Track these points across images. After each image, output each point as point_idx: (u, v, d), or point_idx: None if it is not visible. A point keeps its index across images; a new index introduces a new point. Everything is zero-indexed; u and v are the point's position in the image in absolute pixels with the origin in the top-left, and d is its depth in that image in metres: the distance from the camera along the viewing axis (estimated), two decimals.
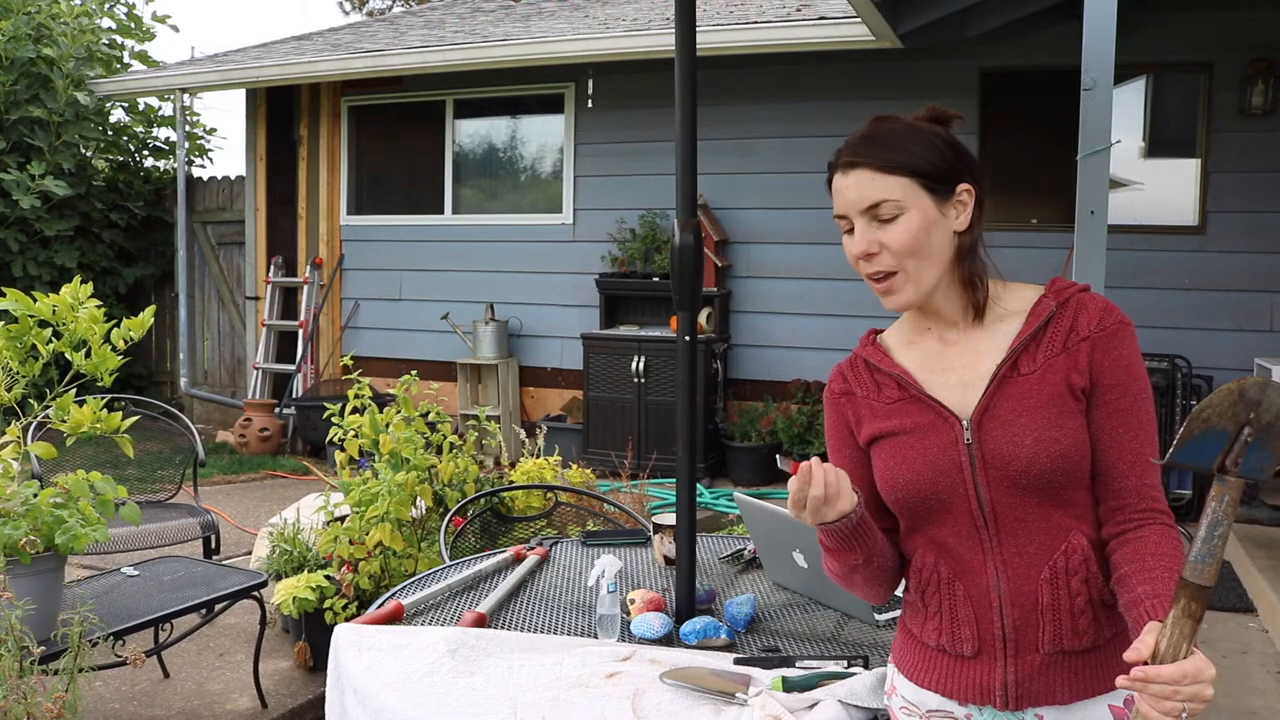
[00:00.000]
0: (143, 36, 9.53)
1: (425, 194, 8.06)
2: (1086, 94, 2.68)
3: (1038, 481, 1.31)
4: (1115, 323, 1.34)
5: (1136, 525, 1.31)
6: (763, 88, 6.85)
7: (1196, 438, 1.11)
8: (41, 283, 8.06)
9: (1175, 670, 1.09)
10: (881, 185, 1.33)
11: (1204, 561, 1.10)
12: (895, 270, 1.34)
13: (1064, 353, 1.33)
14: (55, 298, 2.66)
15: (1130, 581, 1.27)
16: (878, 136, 1.35)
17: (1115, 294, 2.19)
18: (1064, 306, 1.36)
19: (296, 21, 36.84)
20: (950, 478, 1.34)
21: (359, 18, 17.57)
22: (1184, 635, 1.10)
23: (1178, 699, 1.09)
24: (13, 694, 2.22)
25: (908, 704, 1.46)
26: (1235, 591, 4.49)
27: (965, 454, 1.34)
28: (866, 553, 1.38)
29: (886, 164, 1.33)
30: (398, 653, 1.90)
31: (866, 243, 1.34)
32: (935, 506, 1.36)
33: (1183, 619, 1.10)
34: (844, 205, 1.36)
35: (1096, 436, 1.33)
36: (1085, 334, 1.33)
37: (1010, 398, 1.33)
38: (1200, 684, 1.09)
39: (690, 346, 2.16)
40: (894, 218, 1.33)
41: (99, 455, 6.71)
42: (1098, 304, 1.35)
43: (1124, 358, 1.33)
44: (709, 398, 6.54)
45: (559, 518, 3.32)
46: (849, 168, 1.35)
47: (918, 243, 1.33)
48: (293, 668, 3.62)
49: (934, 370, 1.41)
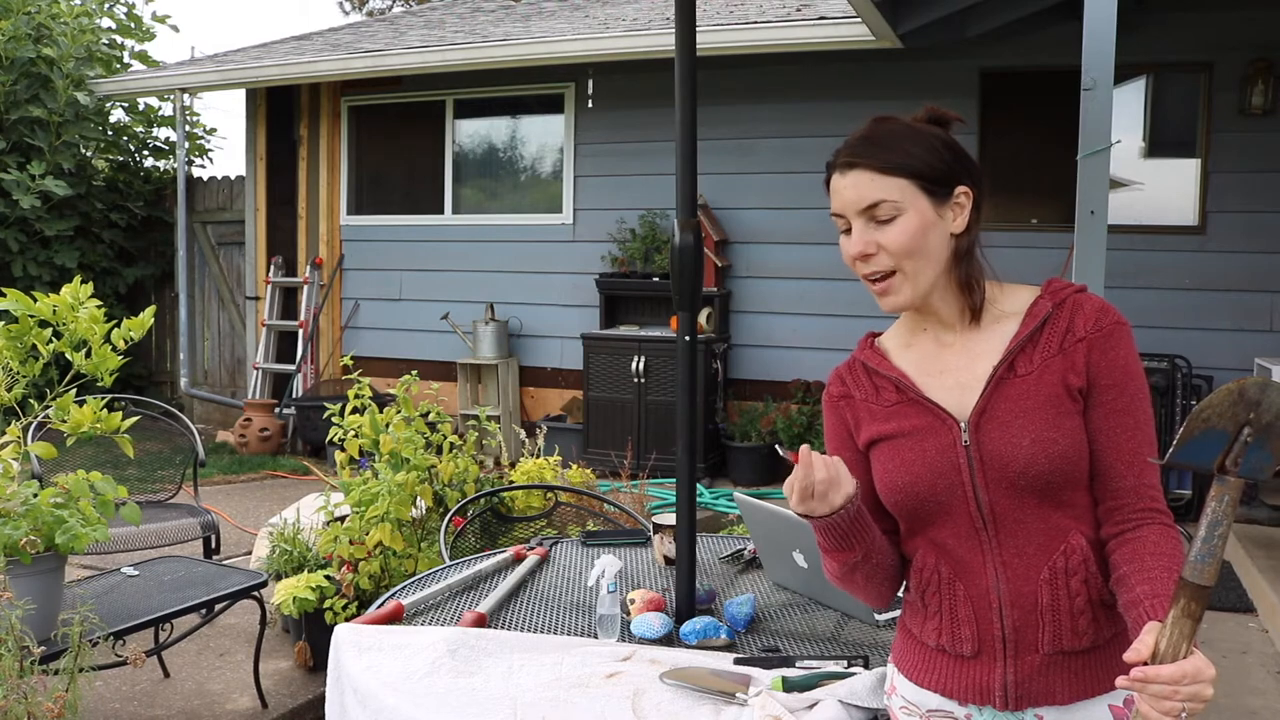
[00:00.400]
0: (143, 36, 9.53)
1: (425, 194, 8.06)
2: (1086, 94, 2.68)
3: (1036, 482, 1.31)
4: (1111, 323, 1.34)
5: (1135, 525, 1.31)
6: (763, 88, 6.85)
7: (1196, 438, 1.11)
8: (41, 283, 8.06)
9: (1175, 670, 1.09)
10: (880, 186, 1.33)
11: (1204, 561, 1.09)
12: (893, 271, 1.35)
13: (1060, 354, 1.33)
14: (55, 298, 2.66)
15: (1129, 582, 1.27)
16: (877, 137, 1.35)
17: (1115, 294, 2.19)
18: (1060, 307, 1.36)
19: (296, 21, 36.85)
20: (949, 479, 1.34)
21: (359, 18, 17.58)
22: (1184, 635, 1.09)
23: (1177, 699, 1.09)
24: (13, 694, 2.22)
25: (907, 704, 1.46)
26: (1235, 591, 4.49)
27: (963, 456, 1.34)
28: (865, 549, 1.38)
29: (885, 165, 1.33)
30: (398, 653, 1.90)
31: (864, 243, 1.34)
32: (934, 508, 1.36)
33: (1182, 619, 1.10)
34: (842, 205, 1.36)
35: (1094, 437, 1.33)
36: (1081, 335, 1.33)
37: (1007, 399, 1.33)
38: (1200, 684, 1.09)
39: (690, 346, 2.16)
40: (892, 219, 1.33)
41: (99, 455, 6.70)
42: (1094, 304, 1.35)
43: (1120, 358, 1.33)
44: (709, 398, 6.54)
45: (559, 518, 3.32)
46: (848, 168, 1.35)
47: (915, 244, 1.33)
48: (293, 668, 3.62)
49: (931, 373, 1.41)
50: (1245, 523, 5.14)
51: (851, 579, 1.44)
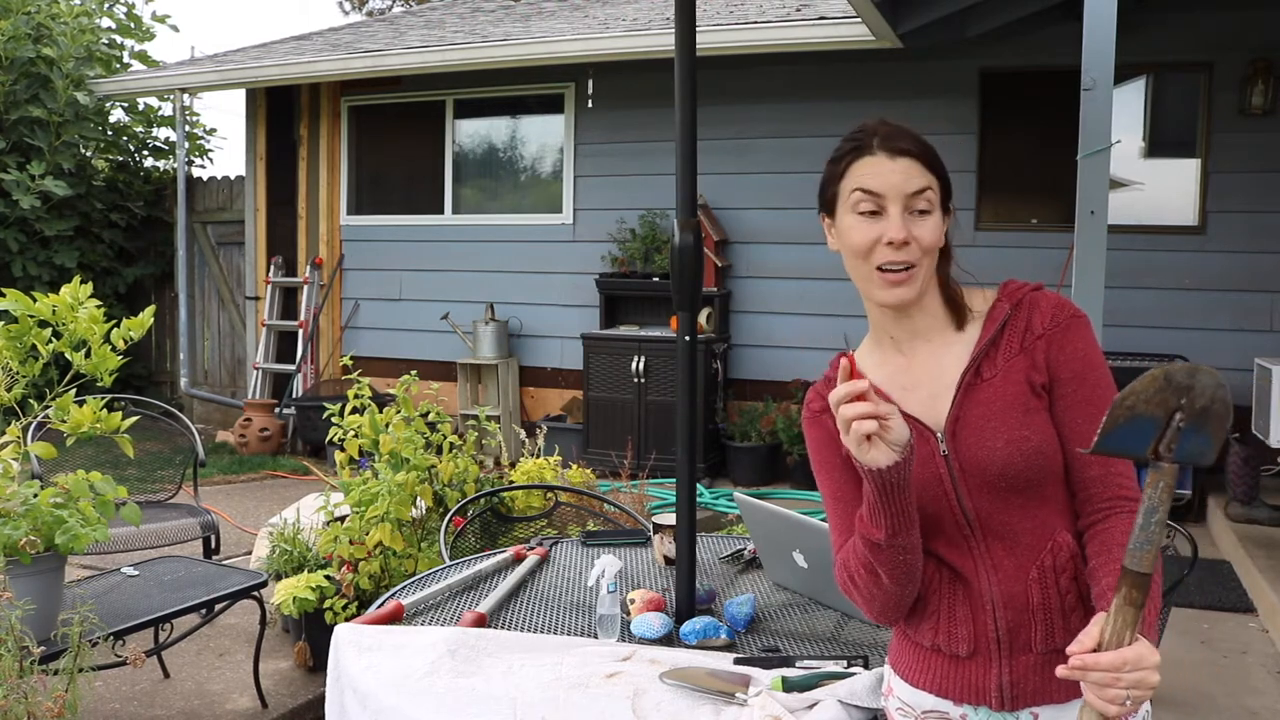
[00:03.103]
0: (142, 36, 9.53)
1: (425, 194, 8.06)
2: (1086, 94, 2.68)
3: (1016, 482, 1.32)
4: (1068, 317, 1.36)
5: (1105, 515, 1.32)
6: (763, 88, 6.85)
7: (1122, 425, 1.11)
8: (41, 283, 8.06)
9: (1114, 657, 1.10)
10: (926, 176, 1.35)
11: (1142, 549, 1.11)
12: (915, 264, 1.35)
13: (1022, 353, 1.35)
14: (55, 298, 2.66)
15: (1097, 575, 1.29)
16: (914, 134, 1.37)
17: (1115, 294, 2.19)
18: (1018, 308, 1.38)
19: (296, 21, 36.86)
20: (932, 490, 1.36)
21: (359, 18, 17.57)
22: (1126, 623, 1.10)
23: (1119, 686, 1.10)
24: (13, 694, 2.22)
25: (903, 705, 1.47)
26: (1235, 591, 4.49)
27: (943, 465, 1.35)
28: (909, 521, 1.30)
29: (932, 161, 1.36)
30: (398, 653, 1.90)
31: (905, 231, 1.33)
32: (922, 519, 1.37)
33: (1125, 607, 1.11)
34: (886, 186, 1.33)
35: (1060, 430, 1.34)
36: (1040, 331, 1.35)
37: (978, 404, 1.35)
38: (1142, 670, 1.10)
39: (690, 346, 2.16)
40: (927, 212, 1.34)
41: (99, 455, 6.71)
42: (1049, 301, 1.38)
43: (1079, 349, 1.34)
44: (709, 398, 6.54)
45: (559, 518, 3.32)
46: (899, 154, 1.34)
47: (939, 242, 1.36)
48: (293, 668, 3.62)
49: (905, 386, 1.42)
50: (1245, 523, 5.14)
51: (874, 575, 1.35)
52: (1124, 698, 1.10)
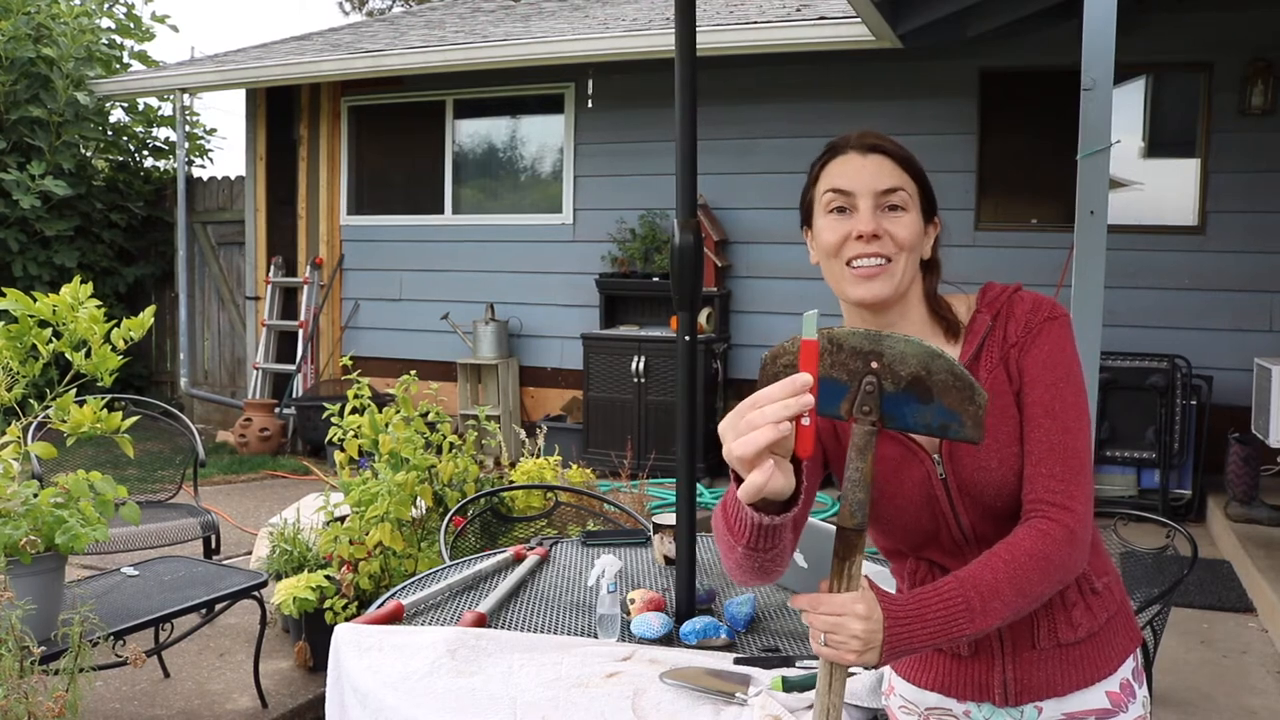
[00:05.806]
0: (142, 36, 9.53)
1: (425, 194, 8.06)
2: (1086, 94, 2.68)
3: (1011, 500, 1.31)
4: (1041, 320, 1.33)
5: (1022, 520, 1.28)
6: (762, 88, 6.85)
7: (823, 387, 1.14)
8: (41, 283, 8.06)
9: (810, 599, 1.16)
10: (900, 176, 1.35)
11: (843, 504, 1.15)
12: (890, 258, 1.33)
13: (1001, 364, 1.34)
14: (55, 298, 2.66)
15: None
16: (892, 140, 1.37)
17: (1115, 294, 2.19)
18: (997, 319, 1.36)
19: (296, 21, 36.87)
20: (930, 511, 1.35)
21: (359, 18, 17.58)
22: (835, 573, 1.16)
23: (816, 625, 1.16)
24: (13, 694, 2.22)
25: (906, 703, 1.47)
26: (1235, 591, 4.49)
27: (940, 489, 1.34)
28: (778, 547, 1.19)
29: (906, 160, 1.36)
30: (398, 653, 1.90)
31: (875, 224, 1.32)
32: (920, 537, 1.38)
33: (834, 560, 1.17)
34: (855, 183, 1.34)
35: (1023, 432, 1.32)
36: (1014, 340, 1.34)
37: None
38: (834, 616, 1.14)
39: (690, 346, 2.16)
40: (901, 209, 1.34)
41: (99, 455, 6.71)
42: (1025, 306, 1.35)
43: (1042, 354, 1.32)
44: (709, 398, 6.54)
45: (559, 518, 3.32)
46: (871, 150, 1.35)
47: (915, 240, 1.34)
48: (293, 668, 3.62)
49: None
50: (1245, 523, 5.14)
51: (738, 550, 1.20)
52: (819, 638, 1.16)
